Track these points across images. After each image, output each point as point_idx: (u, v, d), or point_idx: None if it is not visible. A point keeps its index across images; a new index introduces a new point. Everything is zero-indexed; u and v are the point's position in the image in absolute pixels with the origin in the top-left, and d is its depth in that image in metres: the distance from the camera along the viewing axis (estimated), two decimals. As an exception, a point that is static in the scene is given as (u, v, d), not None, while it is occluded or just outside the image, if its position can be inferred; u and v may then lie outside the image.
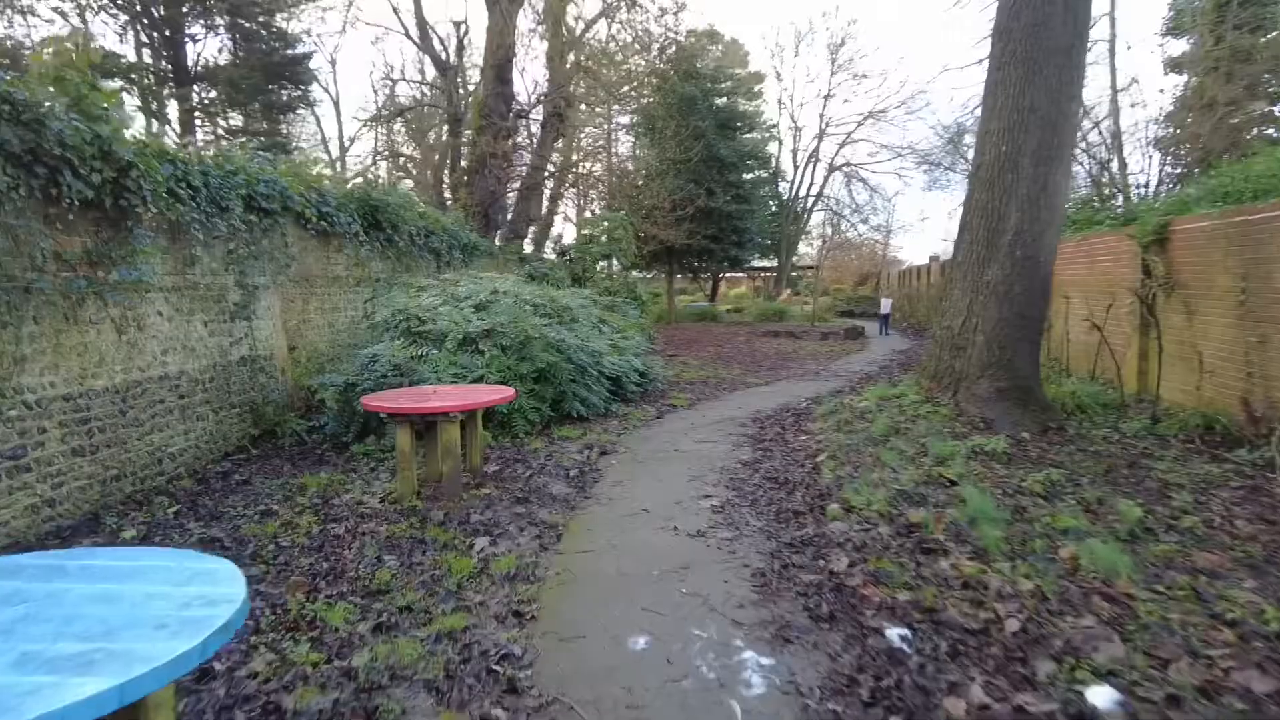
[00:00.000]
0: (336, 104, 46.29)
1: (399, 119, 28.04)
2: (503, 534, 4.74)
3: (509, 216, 20.62)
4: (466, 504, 5.34)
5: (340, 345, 9.32)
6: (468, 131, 20.02)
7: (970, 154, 27.76)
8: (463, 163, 20.53)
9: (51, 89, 4.89)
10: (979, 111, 8.78)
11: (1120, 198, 16.18)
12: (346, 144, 32.18)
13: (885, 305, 25.89)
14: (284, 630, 3.49)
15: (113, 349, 5.56)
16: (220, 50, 22.55)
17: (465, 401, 5.57)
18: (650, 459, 6.82)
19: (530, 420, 7.79)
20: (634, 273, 25.07)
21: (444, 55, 22.04)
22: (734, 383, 12.15)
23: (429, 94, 27.00)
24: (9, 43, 17.11)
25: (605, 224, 20.22)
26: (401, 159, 28.93)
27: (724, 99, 30.63)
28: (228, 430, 7.04)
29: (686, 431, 8.04)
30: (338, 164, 27.32)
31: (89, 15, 19.95)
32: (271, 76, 22.17)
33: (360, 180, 12.84)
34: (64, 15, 19.09)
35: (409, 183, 25.84)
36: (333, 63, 42.38)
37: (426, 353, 7.74)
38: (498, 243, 18.55)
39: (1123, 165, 17.29)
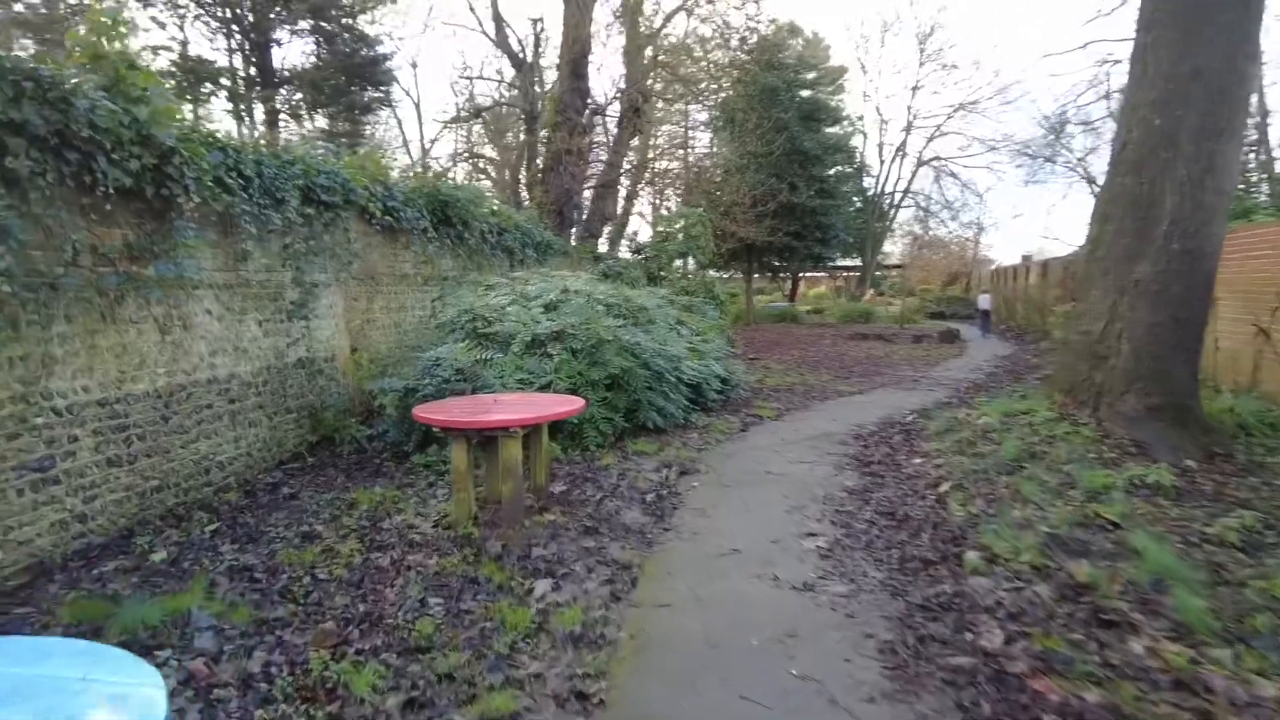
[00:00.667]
0: (418, 106, 47.38)
1: (478, 120, 27.98)
2: (567, 575, 4.01)
3: (584, 215, 20.09)
4: (528, 532, 4.65)
5: (407, 346, 8.85)
6: (544, 130, 19.60)
7: (1074, 143, 25.68)
8: (538, 160, 20.12)
9: (86, 66, 4.47)
10: (1081, 100, 7.61)
11: (1266, 184, 14.27)
12: (427, 145, 32.51)
13: (984, 301, 23.61)
14: (299, 700, 2.86)
15: (155, 350, 5.13)
16: (305, 54, 22.95)
17: (529, 414, 4.88)
18: (737, 482, 5.98)
19: (602, 432, 7.07)
20: (711, 272, 24.07)
21: (520, 53, 21.74)
22: (824, 391, 11.10)
23: (506, 94, 26.85)
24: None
25: (682, 221, 19.36)
26: (480, 160, 28.90)
27: (807, 91, 29.29)
28: (282, 437, 6.61)
29: (777, 449, 7.13)
30: (419, 165, 27.48)
31: (186, 24, 20.58)
32: (353, 78, 22.36)
33: (430, 174, 12.43)
34: (161, 25, 19.69)
35: (487, 183, 25.71)
36: (414, 66, 43.19)
37: (492, 356, 7.13)
38: (573, 241, 18.03)
39: (1268, 147, 15.26)
